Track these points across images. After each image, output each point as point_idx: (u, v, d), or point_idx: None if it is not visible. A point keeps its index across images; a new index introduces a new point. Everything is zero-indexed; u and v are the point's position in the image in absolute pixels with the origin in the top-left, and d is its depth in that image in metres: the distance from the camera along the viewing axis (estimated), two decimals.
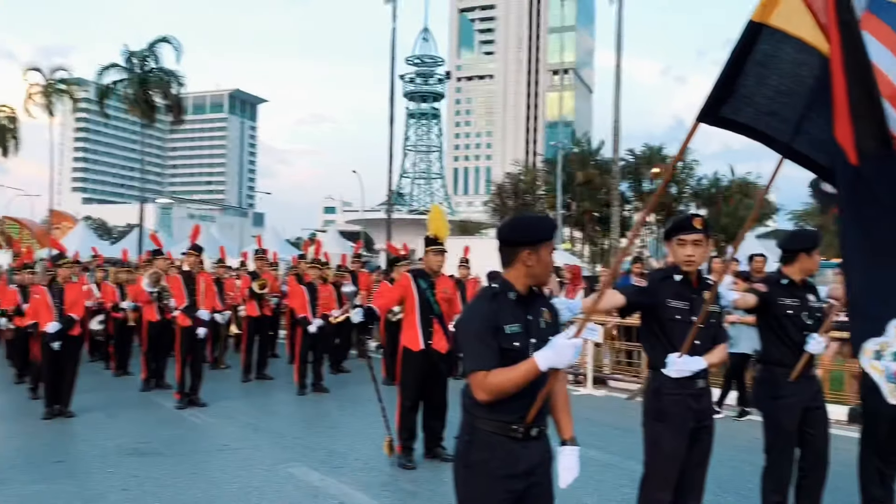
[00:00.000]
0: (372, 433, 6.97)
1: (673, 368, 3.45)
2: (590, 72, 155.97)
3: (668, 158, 45.14)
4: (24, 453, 6.33)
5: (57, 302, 7.78)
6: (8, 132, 38.45)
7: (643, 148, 48.07)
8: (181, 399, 8.41)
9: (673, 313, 3.51)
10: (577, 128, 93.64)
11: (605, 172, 44.40)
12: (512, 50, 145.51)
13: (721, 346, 3.61)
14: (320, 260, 10.78)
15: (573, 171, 43.50)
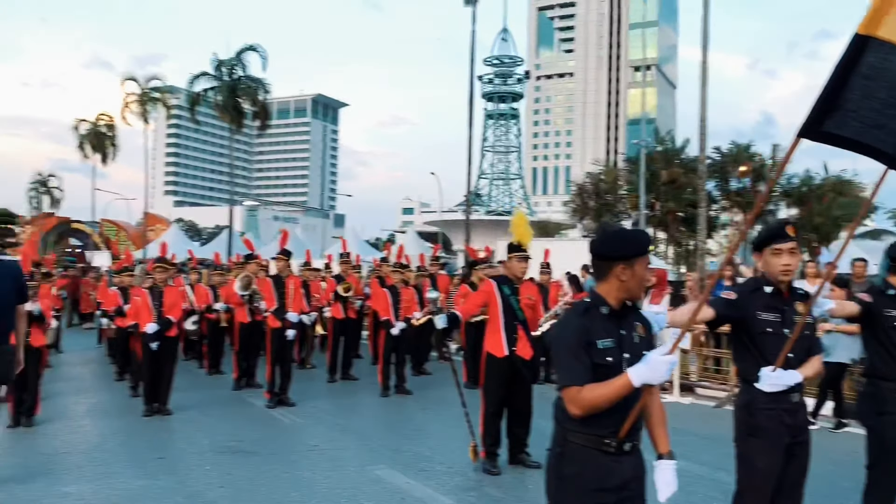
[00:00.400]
0: (456, 437, 7.03)
1: (766, 383, 3.35)
2: (673, 67, 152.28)
3: (757, 156, 43.52)
4: (128, 449, 6.68)
5: (156, 304, 8.18)
6: (107, 139, 40.54)
7: (730, 145, 46.42)
8: (271, 398, 8.69)
9: (764, 326, 3.41)
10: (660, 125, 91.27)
11: (690, 171, 43.19)
12: (592, 47, 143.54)
13: (816, 358, 3.48)
14: (402, 263, 10.93)
15: (657, 169, 42.46)
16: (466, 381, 10.05)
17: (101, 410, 8.57)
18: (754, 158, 43.56)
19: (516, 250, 6.12)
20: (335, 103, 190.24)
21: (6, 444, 6.84)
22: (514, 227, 6.29)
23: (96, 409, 8.67)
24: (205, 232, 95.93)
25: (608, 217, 43.30)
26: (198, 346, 12.31)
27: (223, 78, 31.17)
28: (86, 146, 40.18)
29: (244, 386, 10.03)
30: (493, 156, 60.86)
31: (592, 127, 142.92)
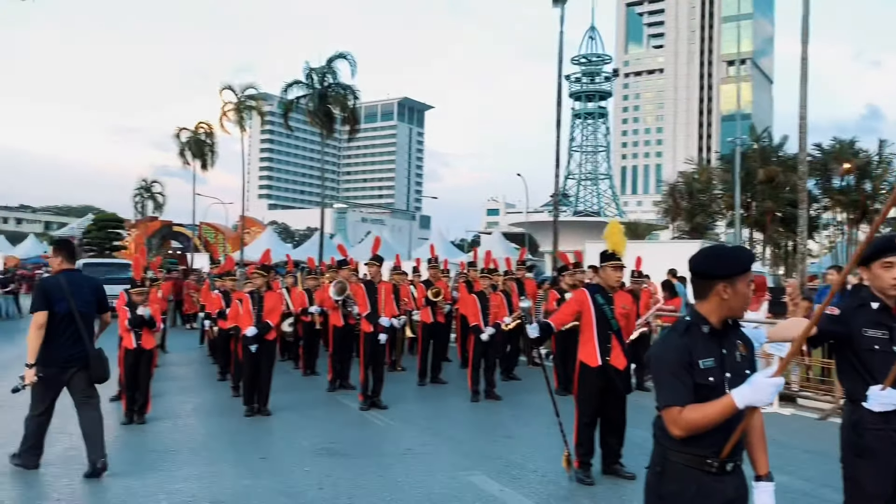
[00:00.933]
0: (548, 444, 7.03)
1: (876, 402, 3.22)
2: (769, 61, 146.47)
3: (862, 153, 41.31)
4: (232, 448, 7.00)
5: (256, 309, 8.52)
6: (206, 146, 42.37)
7: (832, 141, 44.35)
8: (364, 401, 8.91)
9: (871, 343, 3.27)
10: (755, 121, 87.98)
11: (788, 169, 41.42)
12: (682, 42, 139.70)
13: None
14: (490, 268, 10.98)
15: (753, 168, 40.91)
16: (557, 388, 10.01)
17: (205, 410, 8.99)
18: (858, 155, 41.35)
19: (611, 259, 6.06)
20: (421, 106, 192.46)
21: (121, 441, 7.28)
22: (608, 236, 6.23)
23: (201, 408, 9.10)
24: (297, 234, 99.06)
25: (701, 217, 42.01)
26: (294, 347, 12.74)
27: (314, 85, 32.06)
28: (186, 153, 42.12)
29: (338, 387, 10.31)
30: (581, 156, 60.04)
31: (684, 124, 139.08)
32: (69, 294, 5.82)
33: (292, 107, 32.87)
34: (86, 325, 5.89)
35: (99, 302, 6.14)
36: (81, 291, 5.95)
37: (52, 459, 6.42)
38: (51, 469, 6.12)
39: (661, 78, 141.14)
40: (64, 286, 5.86)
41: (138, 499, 5.34)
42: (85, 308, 5.92)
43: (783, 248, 43.95)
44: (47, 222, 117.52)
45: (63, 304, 5.80)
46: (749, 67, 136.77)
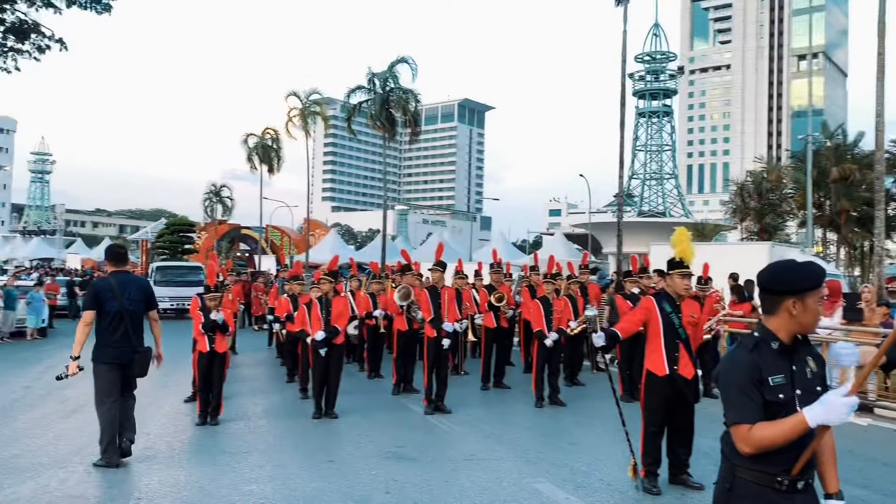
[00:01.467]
0: (613, 453, 6.98)
1: None
2: (843, 54, 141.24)
3: None
4: (301, 451, 7.18)
5: (324, 313, 8.72)
6: (272, 151, 43.35)
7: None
8: (428, 405, 9.00)
9: None
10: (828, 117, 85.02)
11: (864, 167, 39.85)
12: (751, 37, 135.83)
13: None
14: (554, 273, 10.94)
15: (826, 166, 39.47)
16: (622, 394, 9.92)
17: (274, 411, 9.23)
18: None
19: (678, 266, 5.98)
20: (481, 107, 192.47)
21: (196, 442, 7.55)
22: (675, 243, 6.15)
23: (271, 410, 9.35)
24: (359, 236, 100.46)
25: (771, 217, 40.74)
26: (359, 350, 12.95)
27: (376, 90, 32.45)
28: (254, 158, 43.16)
29: (402, 391, 10.44)
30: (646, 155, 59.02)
31: (752, 121, 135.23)
32: (118, 294, 6.41)
33: (355, 112, 33.32)
34: (133, 322, 6.46)
35: (147, 301, 6.68)
36: (129, 291, 6.52)
37: (130, 459, 6.71)
38: (130, 467, 6.40)
39: (728, 74, 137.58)
40: (114, 287, 6.45)
41: (213, 499, 5.53)
42: (132, 306, 6.48)
43: (859, 249, 42.24)
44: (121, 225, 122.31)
45: (113, 303, 6.39)
46: (822, 61, 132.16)
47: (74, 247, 67.88)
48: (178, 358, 13.41)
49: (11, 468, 6.31)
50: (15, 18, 17.75)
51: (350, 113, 33.28)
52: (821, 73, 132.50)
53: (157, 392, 10.58)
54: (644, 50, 57.97)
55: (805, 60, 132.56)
